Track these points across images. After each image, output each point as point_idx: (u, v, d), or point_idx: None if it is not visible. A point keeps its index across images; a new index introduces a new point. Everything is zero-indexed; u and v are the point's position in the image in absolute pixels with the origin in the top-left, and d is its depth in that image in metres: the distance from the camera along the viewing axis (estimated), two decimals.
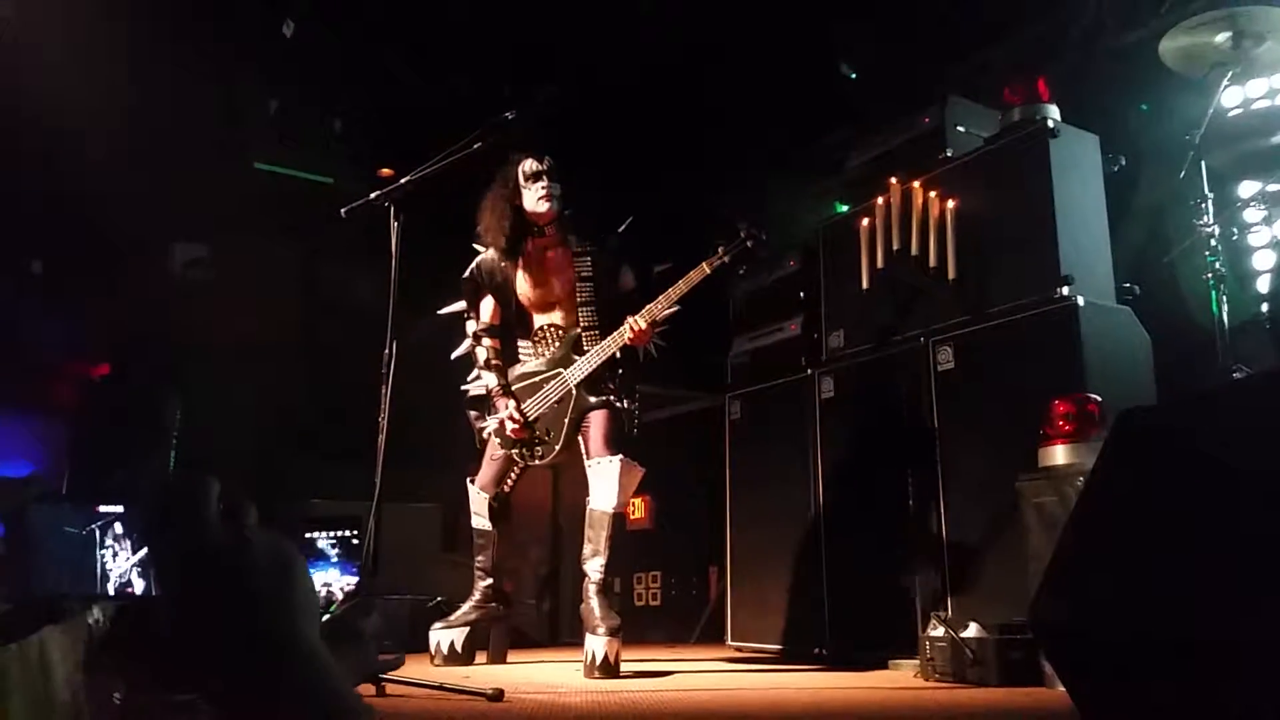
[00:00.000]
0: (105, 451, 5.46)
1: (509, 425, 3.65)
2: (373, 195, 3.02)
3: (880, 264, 3.77)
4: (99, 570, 4.98)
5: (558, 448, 3.64)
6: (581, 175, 3.92)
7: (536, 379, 3.70)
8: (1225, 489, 1.25)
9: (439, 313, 4.01)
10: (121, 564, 5.04)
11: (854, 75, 5.99)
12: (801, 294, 4.48)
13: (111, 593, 4.93)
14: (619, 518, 3.55)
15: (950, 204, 3.58)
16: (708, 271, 3.49)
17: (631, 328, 3.49)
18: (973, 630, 2.86)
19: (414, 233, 3.02)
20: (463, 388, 3.95)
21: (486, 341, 3.80)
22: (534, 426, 3.66)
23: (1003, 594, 3.10)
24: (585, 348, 3.63)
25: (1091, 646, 1.26)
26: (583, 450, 3.63)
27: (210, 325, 5.92)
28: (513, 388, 3.72)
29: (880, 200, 3.80)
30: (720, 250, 3.52)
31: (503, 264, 3.77)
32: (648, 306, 3.51)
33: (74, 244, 5.94)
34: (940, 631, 2.93)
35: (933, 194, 3.64)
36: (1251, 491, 1.22)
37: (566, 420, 3.61)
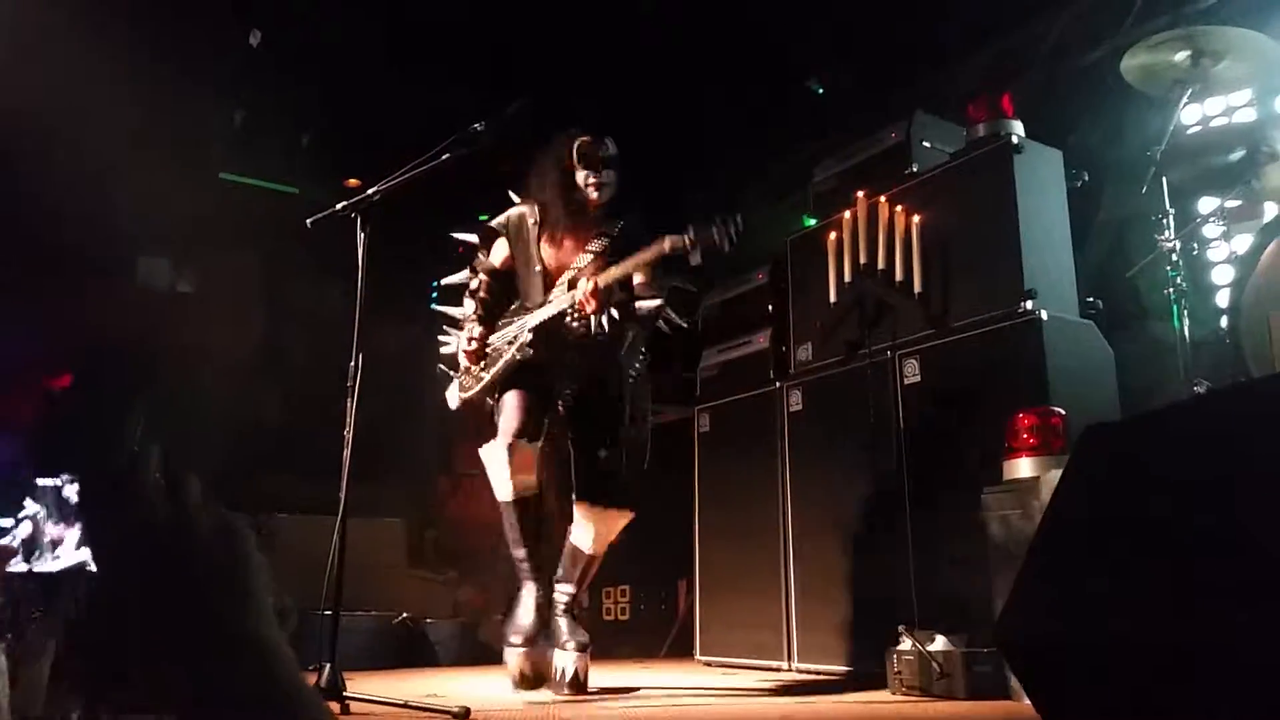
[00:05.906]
0: (65, 467, 5.33)
1: (463, 345, 3.44)
2: (339, 206, 2.99)
3: (847, 277, 3.79)
4: None
5: (483, 382, 3.41)
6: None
7: (511, 317, 3.51)
8: (1187, 503, 1.26)
9: (439, 293, 3.75)
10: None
11: (821, 90, 6.04)
12: (770, 307, 4.50)
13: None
14: (597, 559, 3.43)
15: (916, 218, 3.61)
16: (665, 250, 3.14)
17: (581, 288, 3.23)
18: (940, 643, 2.86)
19: (381, 244, 2.98)
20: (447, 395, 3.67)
21: (483, 277, 3.58)
22: (486, 356, 3.43)
23: (969, 607, 3.11)
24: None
25: (1059, 662, 1.26)
26: (571, 465, 3.45)
27: (173, 337, 5.84)
28: (499, 321, 3.52)
29: (847, 214, 3.82)
30: (692, 232, 3.11)
31: (531, 223, 3.53)
32: (605, 272, 3.25)
33: (33, 252, 5.83)
34: (907, 645, 2.93)
35: (899, 208, 3.67)
36: (1212, 504, 1.22)
37: (503, 360, 3.38)
